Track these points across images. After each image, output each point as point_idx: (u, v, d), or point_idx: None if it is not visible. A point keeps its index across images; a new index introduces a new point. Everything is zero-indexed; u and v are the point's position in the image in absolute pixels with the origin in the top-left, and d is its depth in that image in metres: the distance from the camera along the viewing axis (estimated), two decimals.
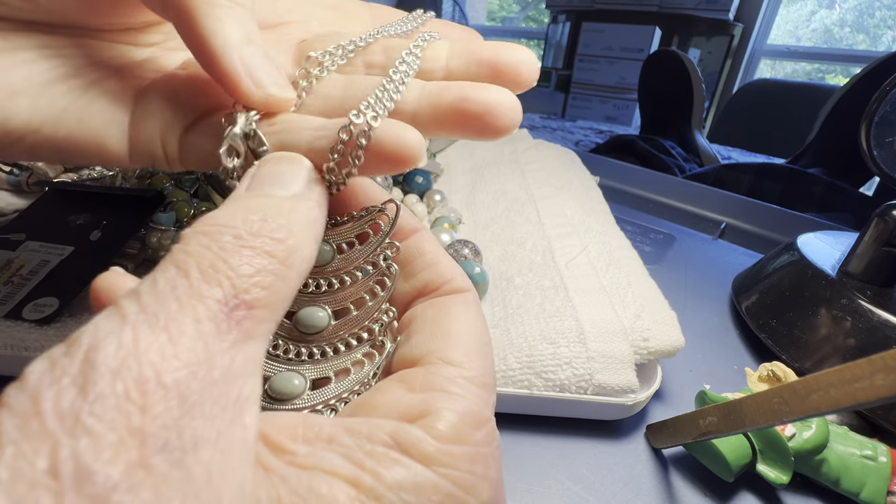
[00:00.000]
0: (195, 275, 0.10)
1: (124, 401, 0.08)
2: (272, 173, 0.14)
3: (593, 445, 0.25)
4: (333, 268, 0.16)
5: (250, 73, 0.15)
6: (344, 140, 0.14)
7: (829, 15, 1.67)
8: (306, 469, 0.10)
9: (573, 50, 1.59)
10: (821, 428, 0.22)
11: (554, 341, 0.25)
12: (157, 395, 0.09)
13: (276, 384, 0.15)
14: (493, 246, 0.34)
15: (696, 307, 0.38)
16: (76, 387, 0.08)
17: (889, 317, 0.27)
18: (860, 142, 0.30)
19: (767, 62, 1.59)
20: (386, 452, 0.11)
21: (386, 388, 0.14)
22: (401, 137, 0.14)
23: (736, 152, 1.08)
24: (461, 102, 0.15)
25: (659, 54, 0.97)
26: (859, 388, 0.14)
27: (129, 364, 0.09)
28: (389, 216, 0.16)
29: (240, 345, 0.10)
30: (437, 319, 0.15)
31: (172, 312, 0.10)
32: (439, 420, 0.12)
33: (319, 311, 0.16)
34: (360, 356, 0.16)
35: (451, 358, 0.14)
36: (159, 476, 0.08)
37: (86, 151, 0.17)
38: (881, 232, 0.30)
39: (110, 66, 0.18)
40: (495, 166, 0.46)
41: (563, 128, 1.25)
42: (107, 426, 0.08)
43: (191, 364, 0.09)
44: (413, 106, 0.15)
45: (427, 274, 0.16)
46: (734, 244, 0.49)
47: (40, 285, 0.26)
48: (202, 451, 0.09)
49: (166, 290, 0.10)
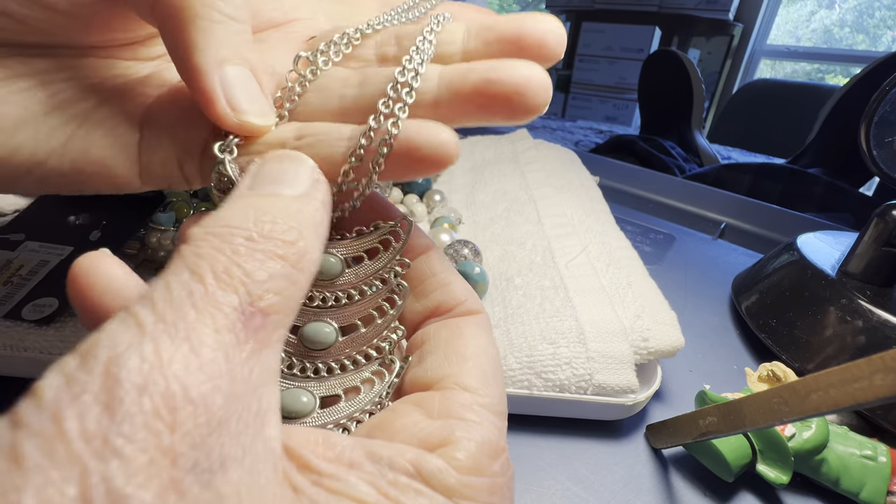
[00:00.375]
0: (210, 280, 0.10)
1: (153, 419, 0.08)
2: (276, 171, 0.13)
3: (593, 445, 0.25)
4: (342, 282, 0.15)
5: (228, 96, 0.14)
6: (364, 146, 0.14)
7: (829, 15, 1.67)
8: (333, 493, 0.10)
9: (573, 50, 1.59)
10: (821, 428, 0.22)
11: (554, 341, 0.25)
12: (187, 412, 0.08)
13: (284, 401, 0.14)
14: (492, 246, 0.34)
15: (696, 307, 0.38)
16: (100, 405, 0.08)
17: (889, 317, 0.27)
18: (860, 142, 0.30)
19: (767, 62, 1.59)
20: (409, 483, 0.11)
21: (402, 411, 0.13)
22: (433, 136, 0.13)
23: (736, 152, 1.08)
24: (487, 85, 0.13)
25: (659, 54, 0.97)
26: (859, 388, 0.14)
27: (154, 379, 0.08)
28: (401, 233, 0.15)
29: (257, 354, 0.10)
30: (451, 342, 0.14)
31: (191, 322, 0.09)
32: (459, 450, 0.12)
33: (326, 327, 0.15)
34: (370, 374, 0.15)
35: (466, 383, 0.13)
36: (191, 499, 0.08)
37: (93, 179, 0.16)
38: (881, 232, 0.30)
39: (112, 86, 0.17)
40: (495, 166, 0.46)
41: (563, 128, 1.25)
42: (137, 447, 0.08)
43: (214, 377, 0.09)
44: (433, 95, 0.14)
45: (439, 294, 0.15)
46: (734, 244, 0.49)
47: (40, 285, 0.26)
48: (230, 471, 0.09)
49: (182, 296, 0.09)
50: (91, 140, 0.16)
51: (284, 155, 0.14)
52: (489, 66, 0.14)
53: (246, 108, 0.14)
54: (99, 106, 0.16)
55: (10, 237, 0.29)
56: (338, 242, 0.16)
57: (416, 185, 0.42)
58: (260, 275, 0.10)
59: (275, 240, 0.11)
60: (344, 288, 0.15)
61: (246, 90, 0.15)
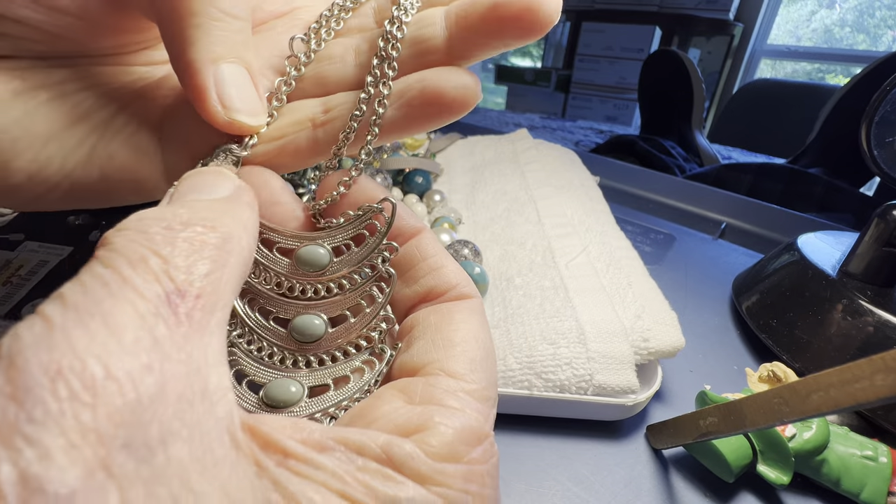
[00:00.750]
0: (125, 269, 0.09)
1: (71, 402, 0.08)
2: (195, 183, 0.13)
3: (593, 446, 0.25)
4: (331, 272, 0.16)
5: (221, 93, 0.14)
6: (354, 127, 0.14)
7: (830, 15, 1.67)
8: (298, 475, 0.10)
9: (573, 50, 1.59)
10: (821, 428, 0.22)
11: (554, 342, 0.25)
12: (111, 389, 0.08)
13: (272, 391, 0.14)
14: (493, 246, 0.34)
15: (697, 307, 0.38)
16: (4, 396, 0.07)
17: (889, 317, 0.27)
18: (860, 142, 0.30)
19: (767, 62, 1.59)
20: (379, 469, 0.11)
21: (385, 397, 0.13)
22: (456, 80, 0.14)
23: (736, 152, 1.08)
24: (495, 9, 0.14)
25: (659, 54, 0.97)
26: (859, 388, 0.14)
27: (70, 364, 0.08)
28: (385, 216, 0.15)
29: (194, 338, 0.10)
30: (440, 327, 0.14)
31: (107, 307, 0.09)
32: (434, 436, 0.11)
33: (315, 319, 0.15)
34: (360, 363, 0.15)
35: (452, 369, 0.13)
36: (125, 477, 0.08)
37: (121, 187, 0.16)
38: (881, 232, 0.30)
39: (129, 91, 0.17)
40: (495, 166, 0.46)
41: (563, 128, 1.25)
42: (53, 432, 0.07)
43: (140, 357, 0.08)
44: (442, 38, 0.15)
45: (431, 279, 0.15)
46: (734, 244, 0.49)
47: (39, 285, 0.26)
48: (173, 447, 0.08)
49: (95, 286, 0.09)
50: (114, 146, 0.16)
51: (203, 170, 0.14)
52: None
53: (237, 106, 0.14)
54: (118, 113, 0.16)
55: (10, 237, 0.29)
56: (323, 232, 0.16)
57: (416, 185, 0.42)
58: (180, 260, 0.10)
59: (194, 226, 0.11)
60: (334, 278, 0.16)
61: (239, 89, 0.15)
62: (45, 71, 0.16)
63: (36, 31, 0.15)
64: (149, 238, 0.10)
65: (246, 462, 0.10)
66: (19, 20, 0.14)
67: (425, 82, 0.14)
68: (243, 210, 0.13)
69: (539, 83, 1.70)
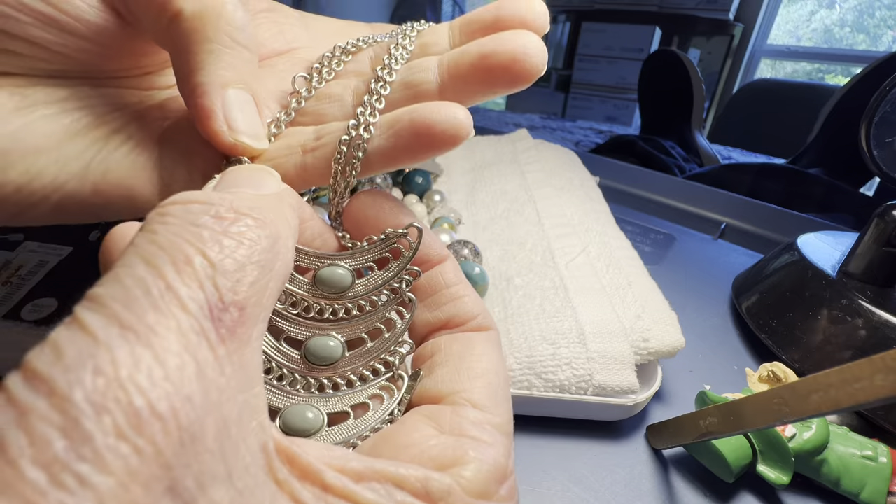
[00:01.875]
0: (169, 273, 0.09)
1: (116, 440, 0.07)
2: (243, 175, 0.13)
3: (593, 446, 0.25)
4: (352, 293, 0.15)
5: (227, 115, 0.14)
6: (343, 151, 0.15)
7: (829, 15, 1.67)
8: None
9: (573, 50, 1.59)
10: (821, 428, 0.22)
11: (554, 342, 0.25)
12: (155, 428, 0.07)
13: (290, 419, 0.14)
14: (492, 246, 0.34)
15: (697, 307, 0.38)
16: (52, 426, 0.07)
17: (889, 317, 0.27)
18: (860, 142, 0.30)
19: (767, 62, 1.59)
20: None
21: (412, 425, 0.13)
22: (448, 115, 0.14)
23: (736, 152, 1.08)
24: (484, 59, 0.14)
25: (659, 54, 0.97)
26: (859, 388, 0.14)
27: (115, 395, 0.07)
28: (411, 241, 0.15)
29: (234, 357, 0.09)
30: (462, 356, 0.14)
31: (150, 323, 0.08)
32: (469, 470, 0.12)
33: (331, 341, 0.15)
34: (378, 390, 0.15)
35: (477, 401, 0.13)
36: None
37: (114, 202, 0.16)
38: (881, 232, 0.30)
39: (131, 111, 0.17)
40: (495, 166, 0.46)
41: (563, 128, 1.25)
42: (101, 473, 0.07)
43: (183, 387, 0.08)
44: (435, 84, 0.15)
45: (452, 308, 0.15)
46: (734, 244, 0.49)
47: (39, 286, 0.26)
48: (213, 489, 0.08)
49: (137, 294, 0.08)
50: (111, 162, 0.16)
51: (250, 165, 0.14)
52: (481, 42, 0.15)
53: (242, 128, 0.15)
54: (119, 129, 0.17)
55: (9, 237, 0.29)
56: (347, 253, 0.15)
57: (416, 185, 0.42)
58: (228, 264, 0.09)
59: (246, 217, 0.10)
60: (354, 300, 0.15)
61: (244, 113, 0.15)
62: (47, 88, 0.16)
63: (46, 52, 0.15)
64: (196, 234, 0.09)
65: (286, 495, 0.10)
66: (30, 39, 0.14)
67: (415, 113, 0.14)
68: (289, 211, 0.13)
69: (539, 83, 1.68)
